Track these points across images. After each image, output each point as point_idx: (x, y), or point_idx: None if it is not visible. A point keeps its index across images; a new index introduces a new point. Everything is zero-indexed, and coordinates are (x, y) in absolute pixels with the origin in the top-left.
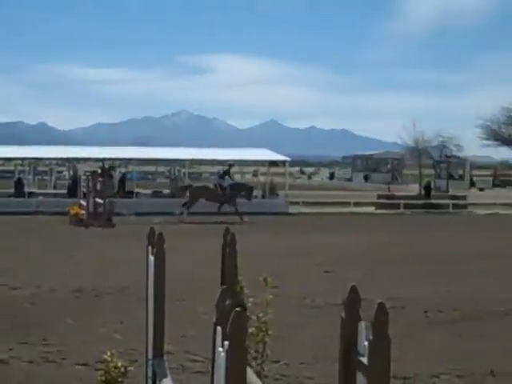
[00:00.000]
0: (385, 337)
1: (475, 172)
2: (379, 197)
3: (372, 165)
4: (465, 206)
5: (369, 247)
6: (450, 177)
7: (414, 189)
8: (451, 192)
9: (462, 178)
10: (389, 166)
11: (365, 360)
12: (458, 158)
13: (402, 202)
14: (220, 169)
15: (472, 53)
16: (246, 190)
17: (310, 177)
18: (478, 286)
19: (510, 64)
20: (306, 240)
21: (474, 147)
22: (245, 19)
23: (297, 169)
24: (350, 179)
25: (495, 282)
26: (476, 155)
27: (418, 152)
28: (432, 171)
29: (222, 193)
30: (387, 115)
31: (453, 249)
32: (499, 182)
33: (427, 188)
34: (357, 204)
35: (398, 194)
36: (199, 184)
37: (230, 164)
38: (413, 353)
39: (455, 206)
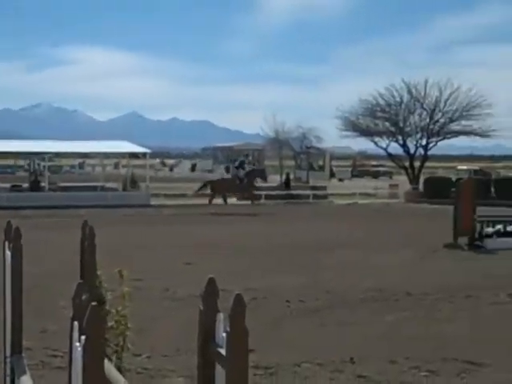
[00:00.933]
0: (242, 328)
1: (335, 163)
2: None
3: (233, 156)
4: (325, 197)
5: (231, 238)
6: (311, 168)
7: (276, 180)
8: (312, 183)
9: (322, 168)
10: (250, 158)
11: (223, 351)
12: (318, 148)
13: (263, 192)
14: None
15: (330, 45)
16: (260, 174)
17: (171, 169)
18: (339, 274)
19: (366, 57)
20: (168, 232)
21: (334, 138)
22: (105, 10)
23: (158, 161)
24: (211, 171)
25: (355, 270)
26: (336, 146)
27: (279, 143)
28: (293, 162)
29: (241, 183)
30: (249, 107)
31: (313, 238)
32: (358, 173)
33: (287, 179)
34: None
35: (258, 185)
36: (217, 178)
37: (246, 154)
38: (275, 342)
39: (316, 196)
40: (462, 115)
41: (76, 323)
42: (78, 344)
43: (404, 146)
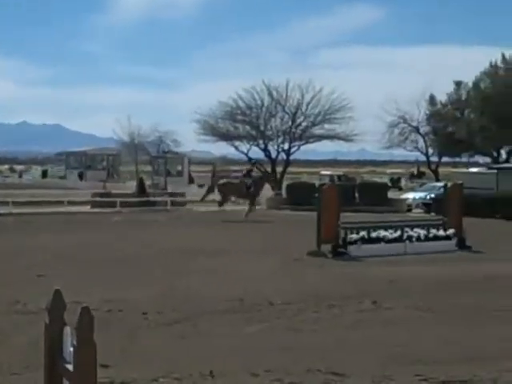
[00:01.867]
0: (89, 342)
1: (194, 168)
2: (94, 195)
3: (87, 162)
4: (184, 203)
5: (85, 248)
6: (168, 173)
7: (132, 186)
8: (170, 189)
9: (180, 174)
10: (104, 163)
11: (70, 367)
12: (176, 153)
13: (118, 200)
14: None
15: (189, 46)
16: (268, 179)
17: (20, 175)
18: (200, 284)
19: (226, 58)
20: (18, 242)
21: (193, 142)
22: None
23: (6, 167)
24: (63, 177)
25: (216, 279)
26: (195, 150)
27: (135, 147)
28: (150, 167)
29: (247, 191)
30: (103, 110)
31: (173, 246)
32: (218, 178)
33: (141, 184)
34: (71, 203)
35: (114, 191)
36: (224, 180)
37: (254, 162)
38: (131, 357)
39: (174, 203)
40: (324, 119)
41: None
42: None
43: (265, 150)
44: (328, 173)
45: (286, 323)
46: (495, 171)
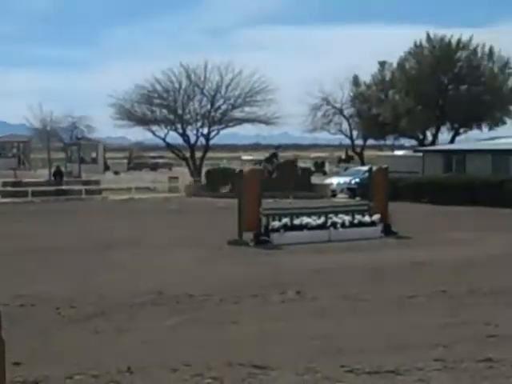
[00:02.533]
0: None
1: (110, 155)
2: (4, 184)
3: None
4: (99, 192)
5: None
6: (82, 160)
7: (44, 174)
8: (84, 177)
9: (95, 161)
10: (15, 150)
11: None
12: (90, 139)
13: (30, 189)
14: None
15: (101, 26)
16: (293, 165)
17: None
18: (114, 277)
19: (142, 39)
20: None
21: (108, 128)
22: None
23: None
24: None
25: (132, 272)
26: (110, 137)
27: (47, 134)
28: (63, 155)
29: (269, 177)
30: (13, 94)
31: (85, 238)
32: (134, 165)
33: (58, 172)
34: None
35: (25, 180)
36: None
37: (277, 146)
38: (44, 354)
39: (88, 191)
40: (245, 101)
41: None
42: None
43: (184, 135)
44: (250, 158)
45: (206, 315)
46: (421, 154)
